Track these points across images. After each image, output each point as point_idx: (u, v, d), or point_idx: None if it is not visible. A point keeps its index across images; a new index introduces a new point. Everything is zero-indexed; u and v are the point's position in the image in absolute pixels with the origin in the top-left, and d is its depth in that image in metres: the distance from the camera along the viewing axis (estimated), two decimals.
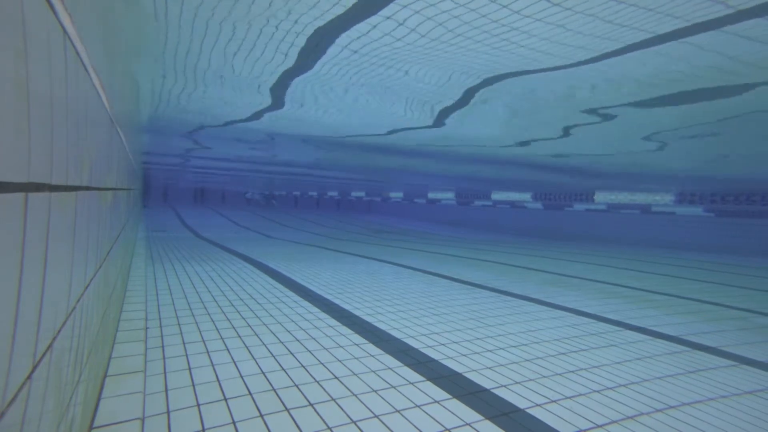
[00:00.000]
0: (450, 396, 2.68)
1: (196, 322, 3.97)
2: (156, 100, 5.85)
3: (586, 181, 15.01)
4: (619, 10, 2.84)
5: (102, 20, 1.71)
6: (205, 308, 4.49)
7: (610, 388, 2.92)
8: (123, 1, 2.67)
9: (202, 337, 3.55)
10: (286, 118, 6.57)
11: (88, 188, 1.46)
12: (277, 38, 3.49)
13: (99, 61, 1.62)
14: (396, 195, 31.27)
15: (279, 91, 5.08)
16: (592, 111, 5.56)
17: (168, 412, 2.30)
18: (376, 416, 2.38)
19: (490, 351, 3.56)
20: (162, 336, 3.53)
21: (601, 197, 18.73)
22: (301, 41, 3.53)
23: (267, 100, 5.58)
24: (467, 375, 3.03)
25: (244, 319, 4.17)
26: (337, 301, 5.10)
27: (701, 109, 5.10)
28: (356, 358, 3.25)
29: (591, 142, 7.59)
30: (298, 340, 3.60)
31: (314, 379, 2.83)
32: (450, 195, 26.90)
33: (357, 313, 4.62)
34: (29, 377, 0.79)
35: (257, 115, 6.53)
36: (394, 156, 10.77)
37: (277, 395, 2.57)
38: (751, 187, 13.92)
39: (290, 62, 4.06)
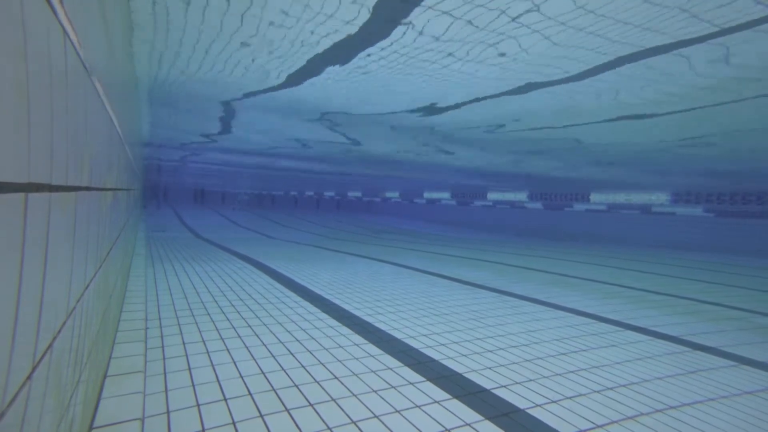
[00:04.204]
0: (450, 396, 2.68)
1: (196, 322, 3.97)
2: None
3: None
4: None
5: (102, 19, 1.71)
6: (205, 308, 4.49)
7: (610, 388, 2.92)
8: None
9: (202, 338, 3.55)
10: None
11: (88, 188, 1.46)
12: None
13: (99, 60, 1.62)
14: (393, 195, 31.31)
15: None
16: None
17: (168, 412, 2.30)
18: (376, 416, 2.38)
19: (490, 351, 3.56)
20: (162, 336, 3.53)
21: (599, 197, 18.75)
22: None
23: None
24: (467, 375, 3.03)
25: (244, 319, 4.17)
26: (337, 302, 5.10)
27: None
28: (356, 359, 3.25)
29: None
30: (298, 341, 3.60)
31: (314, 379, 2.83)
32: (448, 195, 26.94)
33: (357, 313, 4.62)
34: (29, 377, 0.78)
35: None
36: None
37: (277, 395, 2.57)
38: (747, 187, 13.95)
39: None
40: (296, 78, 5.22)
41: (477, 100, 5.81)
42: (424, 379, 2.93)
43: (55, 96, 0.89)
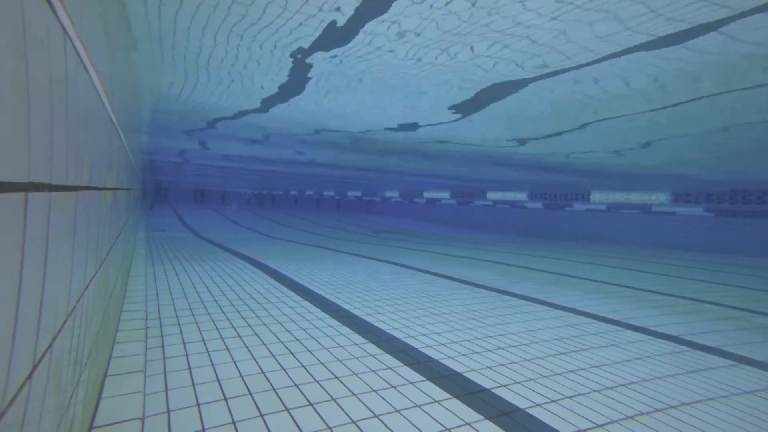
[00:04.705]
0: (450, 396, 2.68)
1: (196, 322, 3.97)
2: None
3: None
4: None
5: (102, 18, 1.71)
6: (205, 308, 4.49)
7: (610, 388, 2.92)
8: None
9: (202, 337, 3.55)
10: None
11: (88, 188, 1.46)
12: None
13: (99, 60, 1.62)
14: (393, 194, 31.29)
15: None
16: None
17: (168, 412, 2.30)
18: (376, 416, 2.38)
19: (490, 351, 3.56)
20: (162, 336, 3.53)
21: (599, 197, 18.75)
22: None
23: None
24: (467, 375, 3.03)
25: (244, 318, 4.17)
26: (337, 301, 5.10)
27: None
28: (356, 358, 3.25)
29: None
30: (298, 340, 3.60)
31: (314, 378, 2.84)
32: (448, 194, 26.93)
33: (357, 312, 4.62)
34: (29, 377, 0.78)
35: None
36: None
37: (277, 395, 2.57)
38: (747, 187, 13.94)
39: None
40: None
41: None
42: (424, 378, 2.93)
43: (55, 96, 0.89)
